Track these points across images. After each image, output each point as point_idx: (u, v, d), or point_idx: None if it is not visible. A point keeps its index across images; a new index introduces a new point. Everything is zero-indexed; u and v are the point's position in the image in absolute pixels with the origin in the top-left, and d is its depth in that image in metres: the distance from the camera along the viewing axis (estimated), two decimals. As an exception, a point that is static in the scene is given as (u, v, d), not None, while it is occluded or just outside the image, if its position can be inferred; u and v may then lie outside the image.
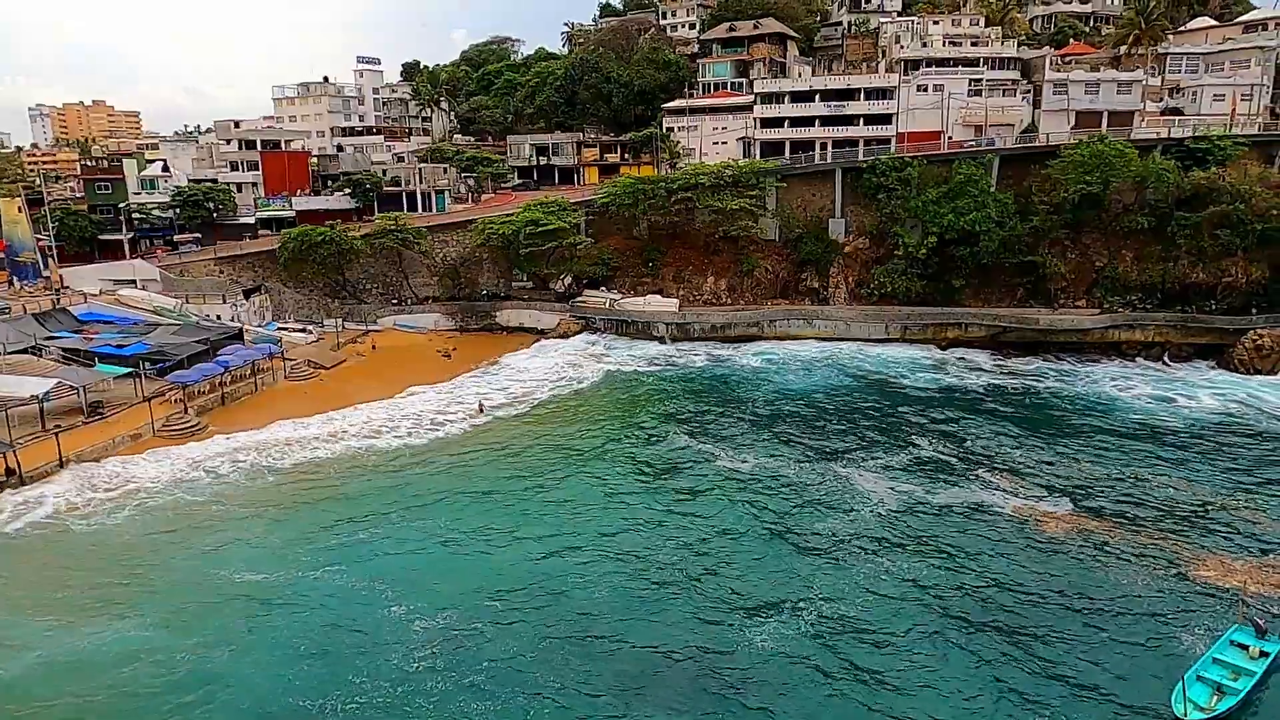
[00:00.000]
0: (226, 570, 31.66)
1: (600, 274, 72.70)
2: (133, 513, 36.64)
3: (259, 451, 43.53)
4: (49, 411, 45.18)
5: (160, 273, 71.29)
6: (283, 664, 26.05)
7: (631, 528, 35.21)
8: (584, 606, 29.18)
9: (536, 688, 24.88)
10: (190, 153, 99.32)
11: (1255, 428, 46.81)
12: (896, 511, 36.27)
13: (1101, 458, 42.42)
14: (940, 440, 44.97)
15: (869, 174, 68.72)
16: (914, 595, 29.69)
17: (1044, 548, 32.90)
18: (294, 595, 29.92)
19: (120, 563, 32.58)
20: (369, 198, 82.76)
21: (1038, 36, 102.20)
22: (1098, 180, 61.91)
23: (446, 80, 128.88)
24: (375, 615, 28.52)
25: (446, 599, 29.50)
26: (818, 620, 28.10)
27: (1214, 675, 24.44)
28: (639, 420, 49.16)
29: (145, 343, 55.05)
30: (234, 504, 37.69)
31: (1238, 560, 31.68)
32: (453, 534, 34.74)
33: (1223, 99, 75.39)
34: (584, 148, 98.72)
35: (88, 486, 38.84)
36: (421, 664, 25.85)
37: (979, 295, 66.77)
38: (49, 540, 34.47)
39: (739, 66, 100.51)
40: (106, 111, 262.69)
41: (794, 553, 32.83)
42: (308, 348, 64.14)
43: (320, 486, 39.74)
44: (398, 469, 41.87)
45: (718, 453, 43.32)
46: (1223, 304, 62.03)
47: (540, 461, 42.83)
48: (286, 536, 34.53)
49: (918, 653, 26.47)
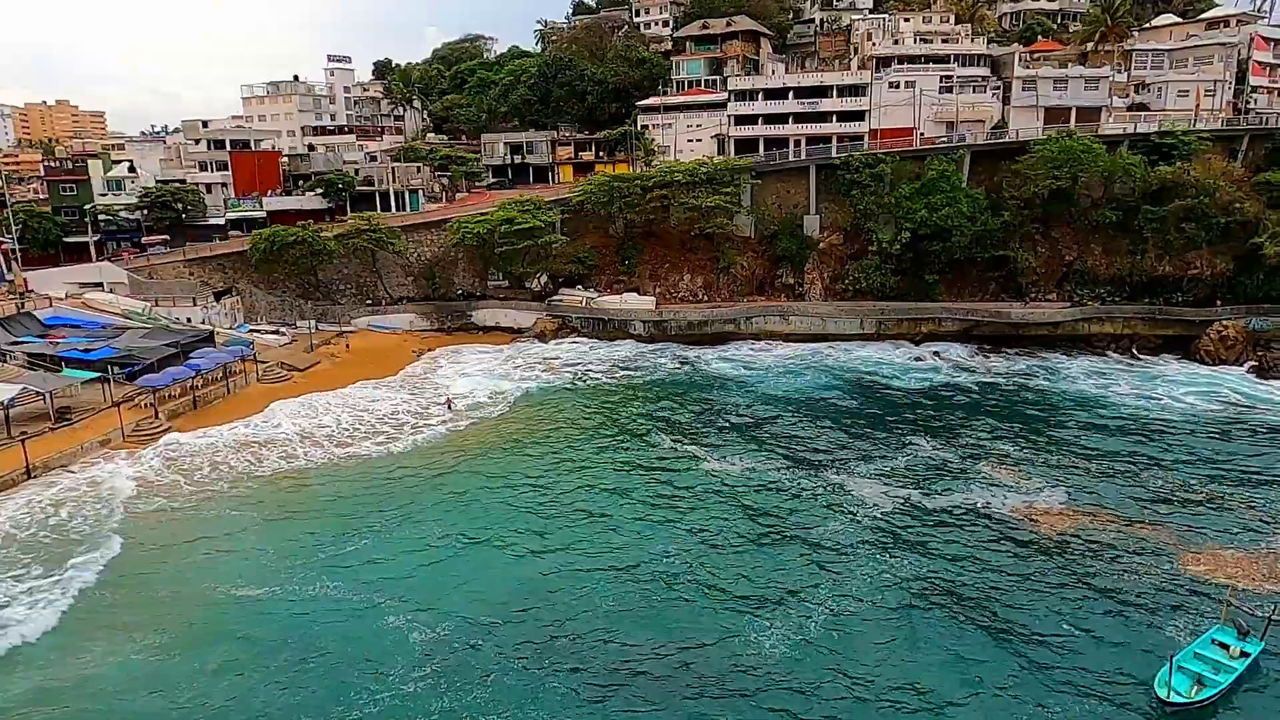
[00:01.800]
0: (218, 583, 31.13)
1: (577, 272, 72.52)
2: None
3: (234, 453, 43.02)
4: (14, 418, 44.29)
5: (128, 275, 70.09)
6: (281, 682, 25.60)
7: (619, 531, 34.98)
8: (579, 615, 28.83)
9: (539, 701, 24.53)
10: (158, 153, 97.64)
11: (1237, 419, 47.77)
12: (887, 511, 36.34)
13: (1089, 451, 42.99)
14: (928, 437, 45.23)
15: (843, 171, 69.15)
16: (906, 590, 29.93)
17: (1036, 543, 33.29)
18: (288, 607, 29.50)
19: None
20: (341, 197, 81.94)
21: (1007, 34, 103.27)
22: (1067, 175, 62.79)
23: (419, 79, 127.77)
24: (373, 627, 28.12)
25: (443, 610, 29.04)
26: (818, 618, 28.22)
27: (1195, 668, 24.86)
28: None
29: (113, 347, 54.15)
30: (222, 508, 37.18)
31: (1227, 551, 32.31)
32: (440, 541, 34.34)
33: (1187, 95, 76.69)
34: (559, 146, 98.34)
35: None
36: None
37: (952, 290, 67.51)
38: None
39: (713, 64, 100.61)
40: (70, 111, 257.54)
41: (792, 553, 32.86)
42: (281, 350, 63.39)
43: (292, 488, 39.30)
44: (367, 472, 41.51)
45: (703, 455, 43.12)
46: (1189, 296, 63.24)
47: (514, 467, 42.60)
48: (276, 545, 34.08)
49: (908, 645, 26.81)
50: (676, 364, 61.50)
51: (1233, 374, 55.93)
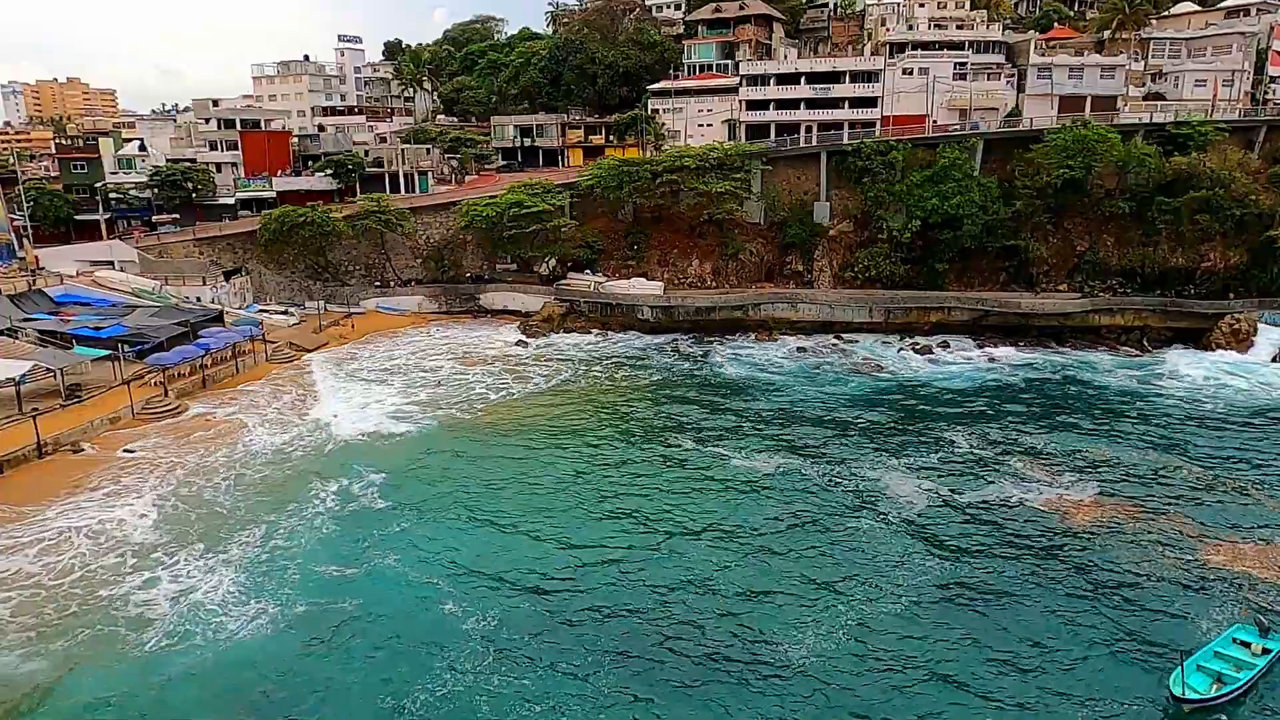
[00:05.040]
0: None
1: (585, 257, 72.41)
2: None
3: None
4: (26, 395, 44.60)
5: (138, 254, 70.31)
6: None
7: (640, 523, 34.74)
8: (620, 607, 28.63)
9: (589, 695, 24.39)
10: (168, 132, 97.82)
11: (1257, 406, 48.02)
12: (916, 505, 35.96)
13: (1117, 442, 42.79)
14: (959, 429, 44.90)
15: (854, 157, 68.69)
16: (933, 584, 29.83)
17: (1063, 536, 33.06)
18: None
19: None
20: (351, 178, 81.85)
21: (1022, 20, 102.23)
22: (1080, 165, 62.21)
23: (429, 60, 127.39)
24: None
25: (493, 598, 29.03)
26: (849, 611, 28.24)
27: (1215, 666, 24.43)
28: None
29: (123, 325, 54.41)
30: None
31: (1247, 544, 32.17)
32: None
33: (1204, 84, 75.83)
34: (568, 129, 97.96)
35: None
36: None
37: (962, 279, 67.15)
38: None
39: (724, 48, 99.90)
40: (81, 89, 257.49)
41: (825, 546, 32.76)
42: (289, 330, 63.59)
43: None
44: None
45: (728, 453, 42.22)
46: (1201, 289, 62.73)
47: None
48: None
49: (933, 639, 26.78)
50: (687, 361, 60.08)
51: (1258, 362, 55.64)
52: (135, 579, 29.86)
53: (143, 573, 30.26)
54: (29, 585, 29.39)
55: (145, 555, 31.47)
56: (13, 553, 31.40)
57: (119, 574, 30.14)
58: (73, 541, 32.25)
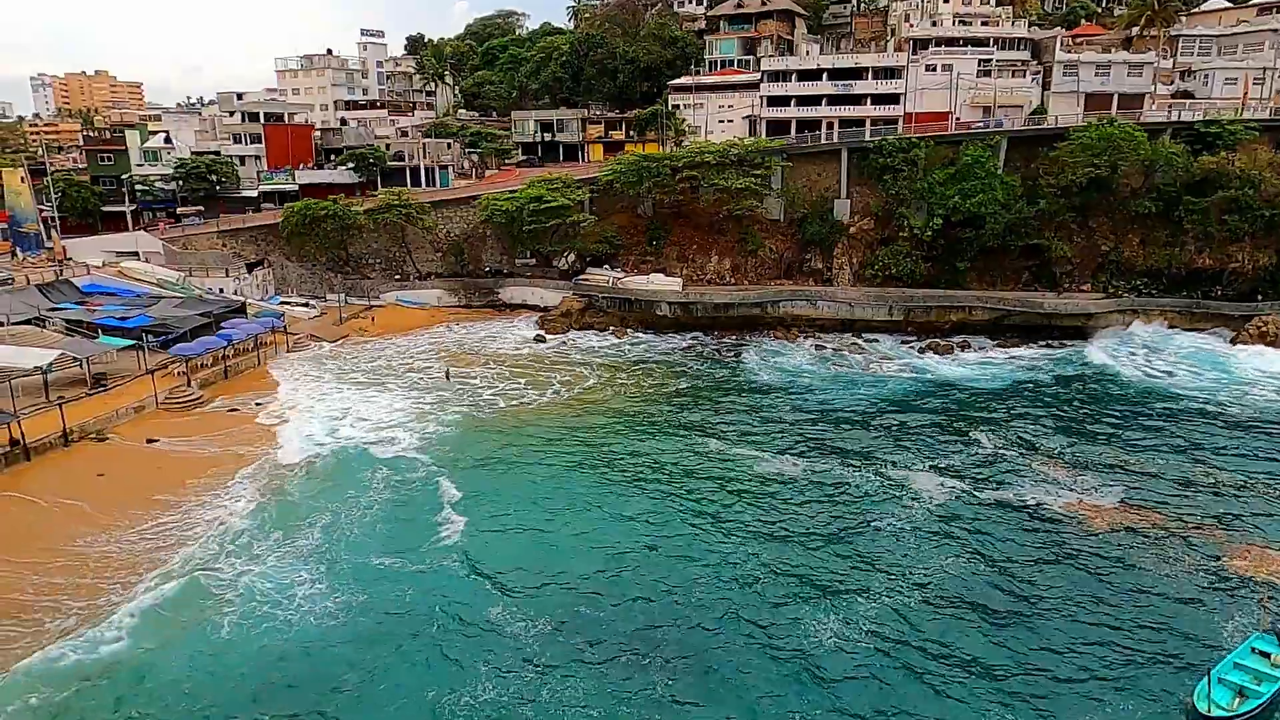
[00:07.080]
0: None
1: (604, 252, 72.41)
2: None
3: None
4: (52, 383, 45.31)
5: (163, 245, 71.18)
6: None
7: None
8: (658, 610, 28.68)
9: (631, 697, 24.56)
10: (193, 125, 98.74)
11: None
12: (942, 505, 35.80)
13: (1140, 446, 42.20)
14: (984, 431, 44.44)
15: (875, 154, 68.16)
16: (954, 587, 29.67)
17: (1086, 540, 32.74)
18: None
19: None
20: (372, 172, 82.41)
21: (1049, 17, 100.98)
22: (1106, 163, 61.40)
23: (451, 55, 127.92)
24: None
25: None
26: (882, 612, 28.27)
27: (1235, 679, 24.05)
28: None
29: (148, 315, 55.13)
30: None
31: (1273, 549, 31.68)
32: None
33: (1234, 82, 74.56)
34: (589, 125, 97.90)
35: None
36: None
37: (983, 278, 66.43)
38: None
39: (746, 44, 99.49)
40: (109, 82, 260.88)
41: (855, 545, 32.75)
42: (311, 322, 64.19)
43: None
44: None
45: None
46: (1229, 290, 61.79)
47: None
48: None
49: (952, 644, 26.66)
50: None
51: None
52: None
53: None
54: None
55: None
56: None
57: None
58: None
